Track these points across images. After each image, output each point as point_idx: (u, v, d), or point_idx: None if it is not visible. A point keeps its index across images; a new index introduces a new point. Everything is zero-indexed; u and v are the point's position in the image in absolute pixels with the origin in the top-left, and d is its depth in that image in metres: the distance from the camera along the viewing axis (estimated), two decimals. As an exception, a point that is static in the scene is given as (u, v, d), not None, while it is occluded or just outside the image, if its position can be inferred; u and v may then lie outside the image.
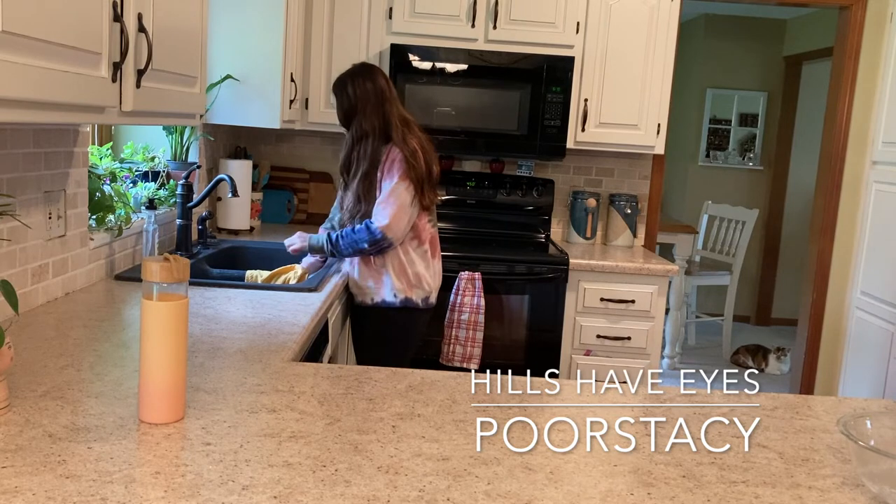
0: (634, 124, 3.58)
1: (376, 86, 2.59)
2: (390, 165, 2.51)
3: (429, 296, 2.64)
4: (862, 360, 3.79)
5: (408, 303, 2.59)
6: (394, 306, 2.59)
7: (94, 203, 2.21)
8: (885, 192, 3.70)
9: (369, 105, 2.57)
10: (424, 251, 2.62)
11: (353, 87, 2.60)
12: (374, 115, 2.56)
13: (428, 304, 2.65)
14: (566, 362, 3.40)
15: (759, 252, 6.48)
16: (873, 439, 1.19)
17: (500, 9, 3.46)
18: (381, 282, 2.58)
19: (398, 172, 2.49)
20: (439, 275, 2.71)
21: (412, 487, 1.07)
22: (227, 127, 3.43)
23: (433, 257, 2.66)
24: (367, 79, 2.60)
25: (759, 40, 6.37)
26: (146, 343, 1.23)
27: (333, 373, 1.61)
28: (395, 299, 2.58)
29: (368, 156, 2.54)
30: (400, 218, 2.47)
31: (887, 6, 3.77)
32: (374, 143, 2.54)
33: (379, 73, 2.64)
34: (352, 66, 2.69)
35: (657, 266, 3.37)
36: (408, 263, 2.58)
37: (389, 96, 2.60)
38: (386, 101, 2.58)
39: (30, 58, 1.21)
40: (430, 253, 2.64)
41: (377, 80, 2.60)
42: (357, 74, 2.62)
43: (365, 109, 2.57)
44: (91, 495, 0.98)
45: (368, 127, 2.55)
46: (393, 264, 2.57)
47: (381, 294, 2.59)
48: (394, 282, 2.57)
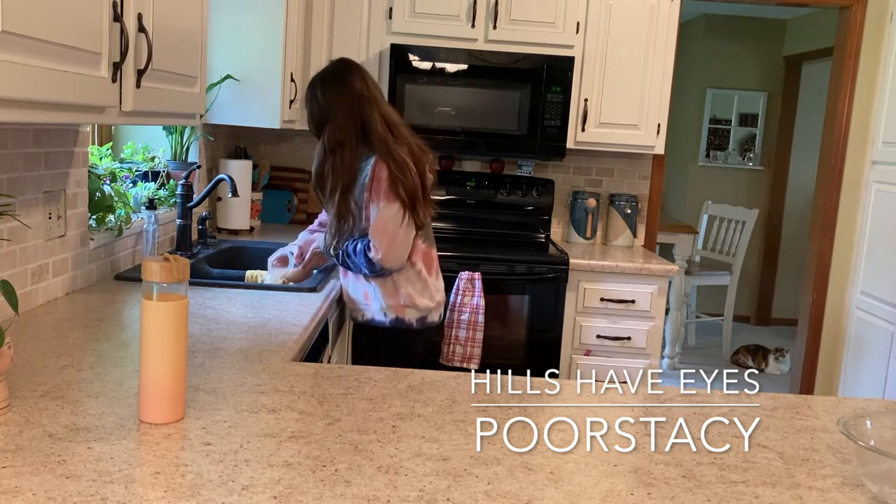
0: (634, 124, 3.58)
1: (351, 87, 2.29)
2: (377, 186, 2.23)
3: (426, 315, 2.41)
4: (862, 360, 3.79)
5: (399, 323, 2.37)
6: (384, 325, 2.38)
7: (94, 203, 2.21)
8: (885, 192, 3.70)
9: (342, 111, 2.27)
10: (418, 271, 2.37)
11: (322, 91, 2.32)
12: (348, 122, 2.26)
13: (426, 324, 2.42)
14: (566, 362, 3.40)
15: (759, 252, 6.48)
16: (873, 439, 1.19)
17: (500, 9, 3.46)
18: (369, 299, 2.37)
19: (385, 195, 2.22)
20: (440, 292, 2.48)
21: (412, 487, 1.07)
22: (227, 127, 3.43)
23: (429, 275, 2.42)
24: (339, 80, 2.31)
25: (759, 40, 6.37)
26: (146, 343, 1.23)
27: (333, 373, 1.61)
28: (385, 318, 2.37)
29: (346, 168, 2.26)
30: (394, 246, 2.24)
31: (887, 6, 3.77)
32: (351, 153, 2.26)
33: (355, 72, 2.34)
34: (325, 66, 2.43)
35: (657, 266, 3.37)
36: (398, 284, 2.35)
37: (368, 97, 2.29)
38: (364, 103, 2.28)
39: (30, 58, 1.21)
40: (426, 271, 2.40)
41: (352, 80, 2.30)
42: (328, 76, 2.35)
43: (337, 116, 2.27)
44: (91, 495, 0.98)
45: (343, 136, 2.26)
46: (383, 284, 2.35)
47: (371, 311, 2.38)
48: (382, 301, 2.36)
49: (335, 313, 2.43)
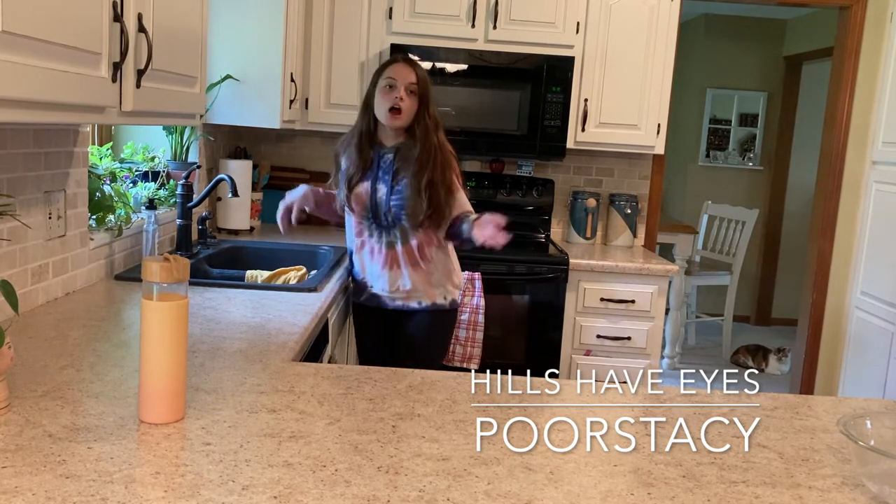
0: (634, 124, 3.58)
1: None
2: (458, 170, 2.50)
3: (457, 298, 2.62)
4: (862, 360, 3.79)
5: (454, 304, 2.59)
6: (443, 308, 2.55)
7: (94, 203, 2.21)
8: (885, 192, 3.70)
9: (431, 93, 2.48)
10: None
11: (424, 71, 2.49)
12: (434, 106, 2.48)
13: (455, 306, 2.62)
14: (566, 362, 3.40)
15: (759, 252, 6.48)
16: (873, 439, 1.19)
17: (500, 9, 3.46)
18: (440, 284, 2.54)
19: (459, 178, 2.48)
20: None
21: (412, 487, 1.07)
22: (227, 127, 3.43)
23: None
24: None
25: (759, 40, 6.37)
26: (146, 343, 1.23)
27: (333, 373, 1.61)
28: (446, 301, 2.55)
29: (446, 149, 2.45)
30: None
31: (887, 6, 3.77)
32: (444, 136, 2.48)
33: None
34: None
35: (657, 266, 3.37)
36: (454, 263, 2.58)
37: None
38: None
39: (30, 58, 1.21)
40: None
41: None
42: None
43: (431, 97, 2.47)
44: (91, 495, 0.98)
45: (437, 117, 2.47)
46: (448, 262, 2.54)
47: (433, 296, 2.53)
48: (450, 280, 2.55)
49: (335, 313, 2.43)
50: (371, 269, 2.54)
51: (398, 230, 2.47)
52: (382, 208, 2.46)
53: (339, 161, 2.55)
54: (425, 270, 2.50)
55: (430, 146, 2.41)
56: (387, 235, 2.49)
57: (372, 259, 2.53)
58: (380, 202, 2.45)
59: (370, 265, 2.54)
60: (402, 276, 2.50)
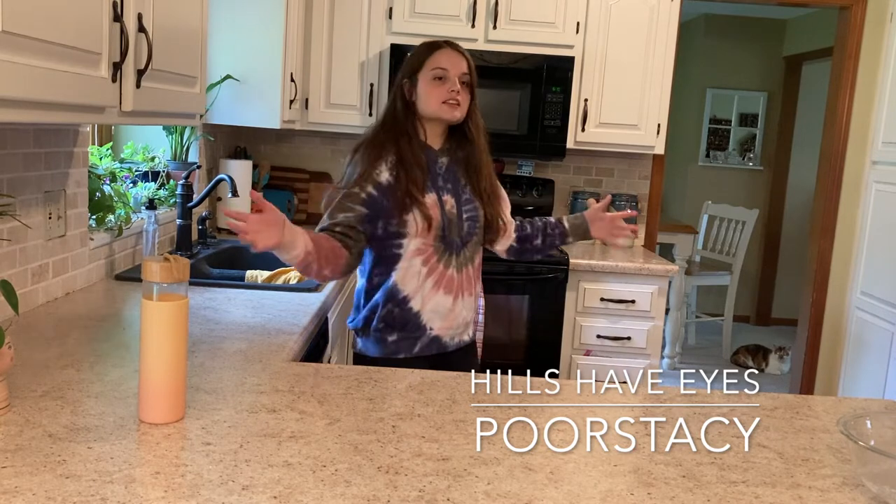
0: (634, 124, 3.58)
1: None
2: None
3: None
4: (862, 360, 3.79)
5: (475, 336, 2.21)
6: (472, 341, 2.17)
7: (94, 203, 2.21)
8: (885, 192, 3.70)
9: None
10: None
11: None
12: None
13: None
14: (566, 362, 3.40)
15: (759, 252, 6.48)
16: (873, 439, 1.19)
17: (500, 9, 3.46)
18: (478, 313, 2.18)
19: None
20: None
21: (412, 487, 1.07)
22: (227, 127, 3.43)
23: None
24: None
25: (759, 40, 6.37)
26: (146, 343, 1.23)
27: (333, 373, 1.61)
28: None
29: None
30: None
31: (887, 6, 3.77)
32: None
33: None
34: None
35: (657, 266, 3.37)
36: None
37: None
38: None
39: (30, 58, 1.21)
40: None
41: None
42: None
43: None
44: (91, 495, 0.98)
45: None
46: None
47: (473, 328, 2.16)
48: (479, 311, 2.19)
49: (335, 313, 2.43)
50: (438, 305, 1.98)
51: (468, 249, 2.03)
52: (455, 224, 1.98)
53: (368, 183, 1.91)
54: (476, 293, 2.13)
55: (483, 146, 2.11)
56: (457, 257, 2.00)
57: (442, 291, 1.98)
58: (451, 216, 1.97)
59: (438, 300, 1.97)
60: (466, 305, 2.05)
